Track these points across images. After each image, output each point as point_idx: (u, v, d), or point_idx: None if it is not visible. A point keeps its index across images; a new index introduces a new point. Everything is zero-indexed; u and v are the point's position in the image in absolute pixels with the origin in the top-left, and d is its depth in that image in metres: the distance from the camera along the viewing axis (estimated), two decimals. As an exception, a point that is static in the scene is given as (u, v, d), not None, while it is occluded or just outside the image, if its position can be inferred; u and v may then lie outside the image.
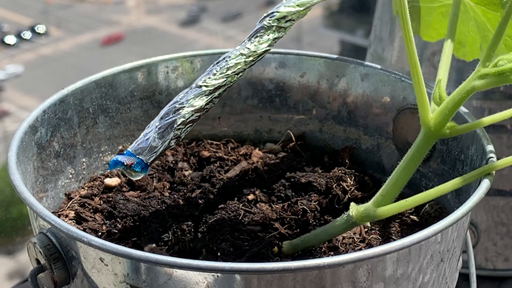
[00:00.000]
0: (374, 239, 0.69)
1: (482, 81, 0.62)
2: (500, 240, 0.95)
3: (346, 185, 0.73)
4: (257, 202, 0.74)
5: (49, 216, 0.60)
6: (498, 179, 0.92)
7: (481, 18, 0.72)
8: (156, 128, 0.65)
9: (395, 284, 0.59)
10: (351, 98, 0.83)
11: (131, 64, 0.81)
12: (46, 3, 15.85)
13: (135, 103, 0.82)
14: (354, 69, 0.82)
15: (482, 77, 0.62)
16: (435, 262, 0.61)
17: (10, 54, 14.27)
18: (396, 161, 0.80)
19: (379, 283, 0.58)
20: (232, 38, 13.51)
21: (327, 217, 0.71)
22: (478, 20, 0.72)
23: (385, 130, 0.81)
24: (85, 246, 0.59)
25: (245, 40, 0.69)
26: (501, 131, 0.90)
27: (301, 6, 0.70)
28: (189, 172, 0.80)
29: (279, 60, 0.84)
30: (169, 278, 0.56)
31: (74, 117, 0.77)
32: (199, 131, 0.86)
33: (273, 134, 0.87)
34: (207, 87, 0.66)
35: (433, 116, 0.64)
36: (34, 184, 0.72)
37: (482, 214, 0.94)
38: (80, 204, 0.74)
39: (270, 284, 0.55)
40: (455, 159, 0.74)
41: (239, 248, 0.65)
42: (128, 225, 0.70)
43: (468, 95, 0.63)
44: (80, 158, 0.78)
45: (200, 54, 0.84)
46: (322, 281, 0.56)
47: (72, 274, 0.62)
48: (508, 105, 0.88)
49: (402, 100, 0.79)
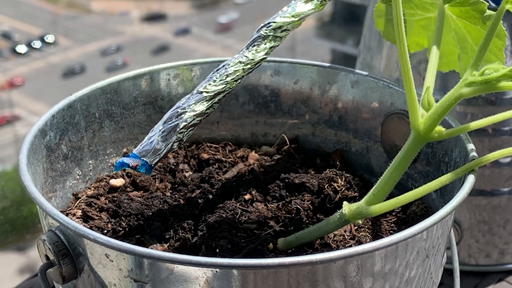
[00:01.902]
0: (363, 237, 0.69)
1: (469, 89, 0.63)
2: (482, 238, 0.95)
3: (337, 186, 0.73)
4: (254, 201, 0.74)
5: (57, 215, 0.60)
6: (480, 180, 0.92)
7: (462, 30, 0.72)
8: (159, 131, 0.65)
9: (383, 279, 0.59)
10: (341, 104, 0.83)
11: (135, 72, 0.81)
12: (55, 14, 15.86)
13: (138, 108, 0.82)
14: (344, 77, 0.82)
15: (469, 85, 0.63)
16: (421, 258, 0.61)
17: (21, 62, 14.26)
18: (384, 163, 0.81)
19: (368, 278, 0.58)
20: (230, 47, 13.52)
21: (319, 216, 0.71)
22: (459, 32, 0.72)
23: (373, 134, 0.81)
24: (91, 243, 0.59)
25: (243, 48, 0.69)
26: (482, 135, 0.90)
27: (295, 17, 0.70)
28: (190, 173, 0.80)
29: (274, 68, 0.84)
30: (171, 273, 0.56)
31: (81, 121, 0.77)
32: (199, 135, 0.85)
33: (269, 138, 0.87)
34: (207, 93, 0.66)
35: (423, 121, 0.64)
36: (44, 185, 0.72)
37: (465, 213, 0.94)
38: (87, 204, 0.74)
39: (266, 278, 0.55)
40: (439, 161, 0.74)
41: (237, 244, 0.65)
42: (132, 223, 0.70)
43: (456, 101, 0.63)
44: (87, 160, 0.78)
45: (199, 62, 0.84)
46: (314, 276, 0.56)
47: (79, 269, 0.62)
48: (489, 110, 0.89)
49: (390, 105, 0.79)
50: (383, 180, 0.65)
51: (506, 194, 0.93)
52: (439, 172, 0.74)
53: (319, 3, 0.71)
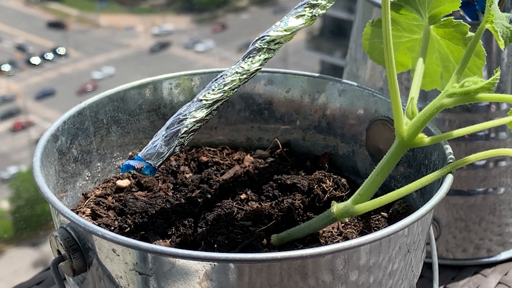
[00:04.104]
0: (350, 233, 0.69)
1: (450, 99, 0.64)
2: (459, 234, 0.95)
3: (326, 186, 0.73)
4: (249, 200, 0.74)
5: (68, 213, 0.59)
6: (457, 181, 0.92)
7: (445, 50, 0.72)
8: (162, 136, 0.64)
9: (368, 272, 0.59)
10: (329, 111, 0.83)
11: (140, 82, 0.81)
12: (66, 29, 15.82)
13: (143, 115, 0.82)
14: (332, 86, 0.82)
15: (450, 96, 0.64)
16: (402, 253, 0.61)
17: (34, 73, 14.24)
18: (369, 165, 0.81)
19: (354, 271, 0.58)
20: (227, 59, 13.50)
21: (309, 214, 0.71)
22: (442, 52, 0.72)
23: (359, 139, 0.81)
24: (99, 239, 0.59)
25: (239, 60, 0.69)
26: (459, 139, 0.90)
27: (288, 31, 0.70)
28: (190, 174, 0.80)
29: (267, 77, 0.84)
30: (173, 266, 0.56)
31: (90, 127, 0.77)
32: (199, 139, 0.85)
33: (263, 142, 0.86)
34: (206, 101, 0.66)
35: (406, 129, 0.65)
36: (56, 185, 0.71)
37: (443, 211, 0.94)
38: (95, 203, 0.74)
39: (260, 271, 0.55)
40: (420, 164, 0.74)
41: (233, 240, 0.65)
42: (137, 221, 0.70)
43: (438, 111, 0.64)
44: (96, 162, 0.78)
45: (199, 72, 0.84)
46: (305, 269, 0.56)
47: (88, 263, 0.62)
48: (465, 117, 0.89)
49: (374, 112, 0.79)
50: (369, 181, 0.65)
51: (480, 194, 0.93)
52: (419, 173, 0.74)
53: (309, 18, 0.71)
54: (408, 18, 0.74)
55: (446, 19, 0.70)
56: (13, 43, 10.45)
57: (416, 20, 0.74)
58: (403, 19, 0.74)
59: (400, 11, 0.74)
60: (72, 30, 14.22)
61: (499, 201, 0.94)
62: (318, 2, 0.71)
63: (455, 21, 0.70)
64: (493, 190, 0.93)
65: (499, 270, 0.97)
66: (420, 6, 0.72)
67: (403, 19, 0.74)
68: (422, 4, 0.71)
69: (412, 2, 0.72)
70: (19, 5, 10.93)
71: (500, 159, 0.92)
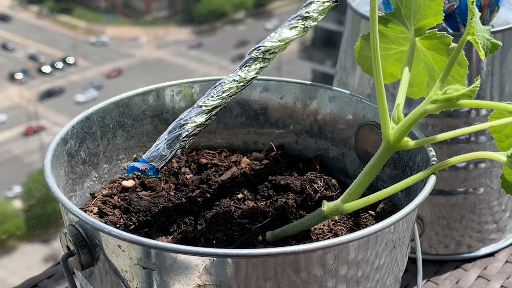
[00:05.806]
0: (339, 230, 0.69)
1: (433, 105, 0.64)
2: (441, 231, 0.95)
3: (317, 186, 0.73)
4: (245, 200, 0.74)
5: (77, 211, 0.59)
6: (440, 181, 0.92)
7: (430, 60, 0.72)
8: (165, 140, 0.64)
9: (356, 266, 0.59)
10: (321, 116, 0.83)
11: (144, 89, 0.81)
12: (75, 39, 15.80)
13: (146, 120, 0.82)
14: (323, 93, 0.82)
15: (433, 102, 0.64)
16: (388, 249, 0.61)
17: (45, 81, 14.23)
18: (358, 167, 0.81)
19: (343, 266, 0.58)
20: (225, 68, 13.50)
21: (301, 212, 0.71)
22: (428, 62, 0.72)
23: (348, 142, 0.81)
24: (106, 236, 0.59)
25: (236, 69, 0.69)
26: (442, 143, 0.90)
27: (282, 41, 0.70)
28: (190, 175, 0.80)
29: (263, 85, 0.84)
30: (174, 261, 0.56)
31: (97, 131, 0.77)
32: (198, 143, 0.85)
33: (258, 145, 0.86)
34: (206, 107, 0.66)
35: (393, 133, 0.65)
36: (65, 186, 0.71)
37: (427, 209, 0.94)
38: (102, 202, 0.74)
39: (256, 266, 0.55)
40: (405, 165, 0.74)
41: (231, 237, 0.65)
42: (141, 219, 0.70)
43: (422, 116, 0.64)
44: (102, 164, 0.78)
45: (199, 80, 0.84)
46: (297, 264, 0.56)
47: (96, 258, 0.62)
48: (447, 121, 0.89)
49: (362, 117, 0.79)
50: (357, 182, 0.65)
51: (461, 193, 0.93)
52: (404, 175, 0.74)
53: (302, 30, 0.71)
54: (396, 31, 0.74)
55: (431, 32, 0.70)
56: (26, 53, 10.41)
57: (403, 33, 0.74)
58: (391, 32, 0.74)
59: (388, 25, 0.74)
60: (81, 41, 14.19)
61: (478, 200, 0.94)
62: (310, 15, 0.71)
63: (439, 33, 0.70)
64: (473, 190, 0.93)
65: (478, 264, 0.97)
66: (406, 20, 0.72)
67: (391, 32, 0.74)
68: (408, 17, 0.71)
69: (399, 16, 0.72)
70: (31, 18, 10.89)
71: (479, 161, 0.92)
